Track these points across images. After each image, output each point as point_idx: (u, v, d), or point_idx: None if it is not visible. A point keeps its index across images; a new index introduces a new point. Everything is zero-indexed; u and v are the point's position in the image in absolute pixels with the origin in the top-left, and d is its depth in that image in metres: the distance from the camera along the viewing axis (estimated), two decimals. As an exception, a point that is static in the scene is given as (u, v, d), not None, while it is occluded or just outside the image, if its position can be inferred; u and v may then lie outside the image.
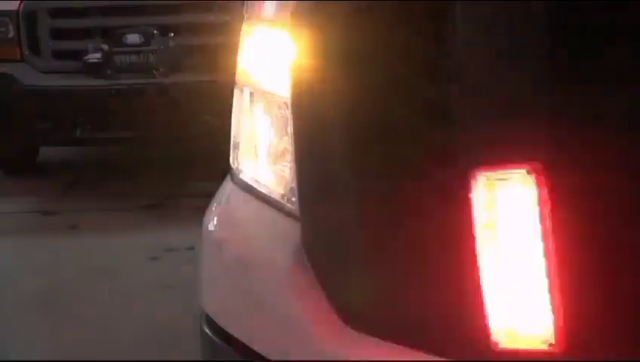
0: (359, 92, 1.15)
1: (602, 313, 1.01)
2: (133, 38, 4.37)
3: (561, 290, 1.00)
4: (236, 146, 1.45)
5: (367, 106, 1.15)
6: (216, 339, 1.35)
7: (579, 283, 1.01)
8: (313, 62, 1.21)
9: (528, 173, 1.02)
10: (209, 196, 1.52)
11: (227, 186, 1.47)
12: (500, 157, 1.03)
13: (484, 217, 1.03)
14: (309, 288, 1.18)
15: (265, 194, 1.34)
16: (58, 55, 4.44)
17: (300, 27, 1.23)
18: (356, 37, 1.15)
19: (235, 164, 1.45)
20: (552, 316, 1.01)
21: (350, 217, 1.15)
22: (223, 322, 1.34)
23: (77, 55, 4.38)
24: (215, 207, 1.47)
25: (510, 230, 1.03)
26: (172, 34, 4.36)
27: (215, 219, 1.45)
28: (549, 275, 1.01)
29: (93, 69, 4.34)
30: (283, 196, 1.30)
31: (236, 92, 1.46)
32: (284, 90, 1.28)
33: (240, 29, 1.47)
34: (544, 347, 1.01)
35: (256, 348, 1.25)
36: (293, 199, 1.26)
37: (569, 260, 1.01)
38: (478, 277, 1.03)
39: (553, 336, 1.01)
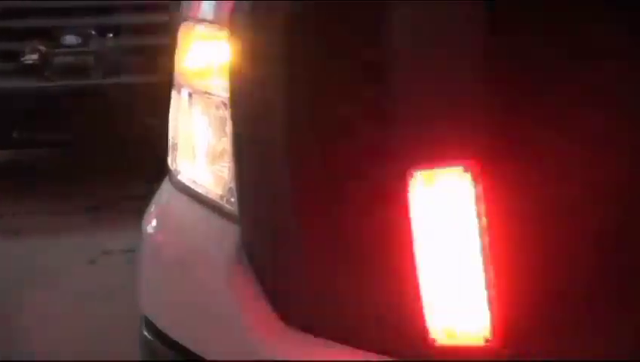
0: (298, 92, 1.15)
1: (538, 309, 1.02)
2: (71, 39, 4.32)
3: (498, 287, 1.02)
4: (174, 147, 1.44)
5: (306, 106, 1.15)
6: (155, 342, 1.34)
7: (515, 280, 1.02)
8: (252, 62, 1.21)
9: (464, 170, 1.03)
10: (149, 198, 1.51)
11: (165, 188, 1.46)
12: (436, 155, 1.04)
13: (421, 215, 1.04)
14: (249, 288, 1.18)
15: (203, 195, 1.34)
16: (-6, 56, 4.37)
17: (238, 27, 1.23)
18: (295, 37, 1.15)
19: (173, 166, 1.44)
20: (489, 312, 1.02)
21: (289, 217, 1.15)
22: (162, 325, 1.33)
23: (13, 56, 4.32)
24: (153, 209, 1.46)
25: (447, 227, 1.04)
26: (111, 35, 4.32)
27: (153, 221, 1.44)
28: (485, 272, 1.02)
29: (31, 71, 4.28)
30: (222, 197, 1.29)
31: (174, 93, 1.45)
32: (222, 91, 1.28)
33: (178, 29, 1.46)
34: (481, 342, 1.03)
35: (196, 350, 1.25)
36: (232, 199, 1.26)
37: (505, 256, 1.02)
38: (416, 274, 1.04)
39: (490, 332, 1.02)
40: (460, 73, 1.04)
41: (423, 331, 1.04)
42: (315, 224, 1.13)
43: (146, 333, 1.36)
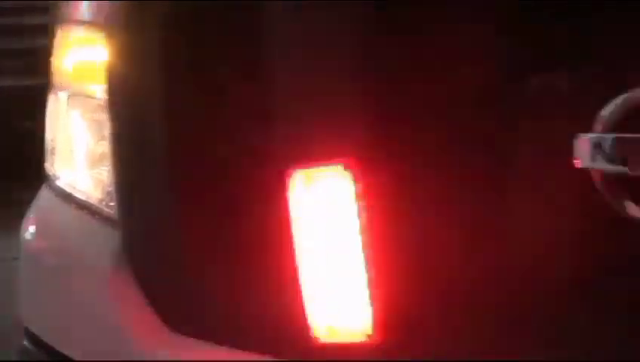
0: (177, 93, 1.14)
1: (420, 305, 1.04)
2: (-53, 42, 4.18)
3: (379, 284, 1.03)
4: (52, 152, 1.41)
5: (185, 108, 1.14)
6: (37, 353, 1.31)
7: (397, 277, 1.03)
8: (129, 63, 1.19)
9: (345, 169, 1.03)
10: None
11: (44, 193, 1.43)
12: (316, 154, 1.05)
13: (302, 214, 1.05)
14: (130, 293, 1.17)
15: (82, 200, 1.31)
16: None
17: (116, 29, 1.21)
18: (171, 37, 1.14)
19: (52, 171, 1.41)
20: (371, 309, 1.03)
21: (169, 219, 1.14)
22: (44, 335, 1.31)
23: None
24: (32, 216, 1.43)
25: (328, 225, 1.04)
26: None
27: (32, 227, 1.40)
28: (366, 269, 1.03)
29: None
30: (101, 201, 1.27)
31: (51, 96, 1.42)
32: (100, 93, 1.26)
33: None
34: (363, 339, 1.03)
35: (77, 357, 1.23)
36: (112, 203, 1.24)
37: (386, 254, 1.03)
38: (297, 274, 1.04)
39: (371, 329, 1.03)
40: (339, 72, 1.05)
41: (305, 329, 1.04)
42: (195, 226, 1.12)
43: (27, 345, 1.33)
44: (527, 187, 1.01)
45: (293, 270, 1.04)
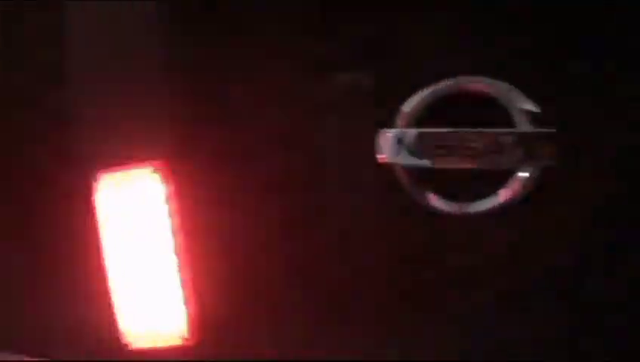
0: None
1: (235, 306, 1.03)
2: None
3: (194, 285, 1.02)
4: None
5: None
6: None
7: (210, 278, 1.03)
8: None
9: (154, 171, 1.02)
10: None
11: None
12: (124, 157, 1.03)
13: (110, 218, 1.03)
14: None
15: None
16: None
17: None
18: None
19: None
20: (185, 311, 1.02)
21: None
22: None
23: None
24: None
25: (139, 229, 1.03)
26: None
27: None
28: (180, 271, 1.02)
29: None
30: None
31: None
32: None
33: None
34: (178, 342, 1.03)
35: None
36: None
37: (200, 255, 1.02)
38: (106, 280, 1.02)
39: (187, 331, 1.02)
40: (145, 75, 1.04)
41: (117, 336, 1.03)
42: (3, 233, 1.09)
43: None
44: (334, 184, 1.02)
45: (102, 276, 1.02)
